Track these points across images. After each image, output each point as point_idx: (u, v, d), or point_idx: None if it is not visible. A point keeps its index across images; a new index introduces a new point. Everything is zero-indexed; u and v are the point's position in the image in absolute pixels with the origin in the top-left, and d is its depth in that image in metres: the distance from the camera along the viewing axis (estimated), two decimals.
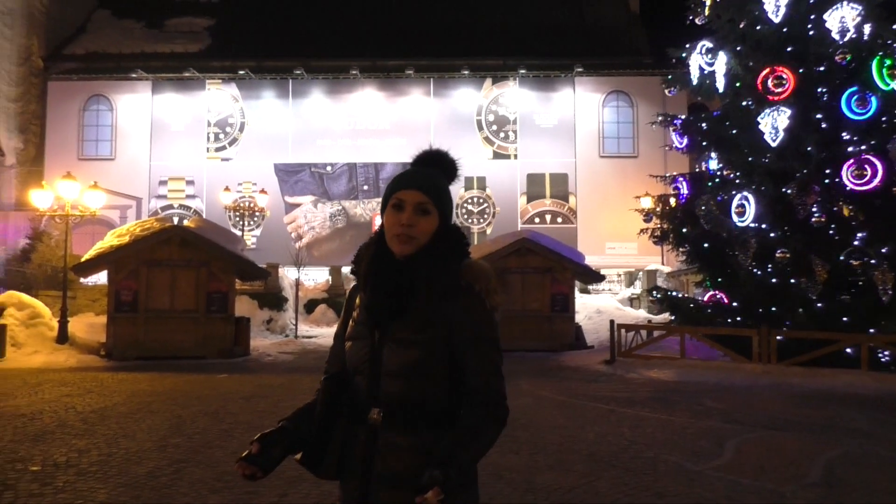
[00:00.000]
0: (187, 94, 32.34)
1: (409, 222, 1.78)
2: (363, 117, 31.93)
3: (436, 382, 1.73)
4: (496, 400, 1.76)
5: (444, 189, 1.90)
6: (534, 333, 18.23)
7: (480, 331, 1.76)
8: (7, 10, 30.65)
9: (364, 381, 1.77)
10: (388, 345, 1.75)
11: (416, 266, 1.77)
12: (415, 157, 2.00)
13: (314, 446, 1.82)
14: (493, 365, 1.77)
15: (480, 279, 1.78)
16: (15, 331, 16.19)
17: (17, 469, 5.69)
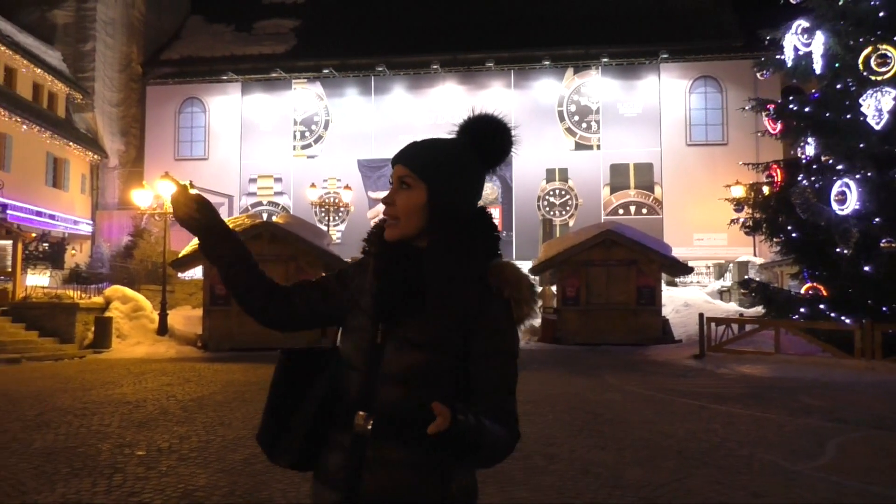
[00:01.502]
0: (274, 94, 33.38)
1: (386, 200, 1.55)
2: (444, 111, 32.04)
3: (439, 393, 1.41)
4: (508, 421, 1.48)
5: (439, 158, 1.57)
6: (619, 327, 17.92)
7: (501, 344, 1.51)
8: (109, 20, 32.45)
9: (358, 379, 1.51)
10: (392, 343, 1.49)
11: (436, 258, 1.51)
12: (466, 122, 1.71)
13: (268, 426, 1.57)
14: (509, 383, 1.51)
15: (511, 285, 1.53)
16: (120, 323, 17.21)
17: (124, 453, 6.05)
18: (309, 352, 1.61)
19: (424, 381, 1.46)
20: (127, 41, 33.97)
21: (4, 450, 6.15)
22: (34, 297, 17.39)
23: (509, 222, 31.10)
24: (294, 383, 1.56)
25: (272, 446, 1.57)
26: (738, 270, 25.60)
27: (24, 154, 27.24)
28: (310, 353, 1.60)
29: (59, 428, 7.16)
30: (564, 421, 7.67)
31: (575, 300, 18.65)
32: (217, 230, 1.60)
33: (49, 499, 4.70)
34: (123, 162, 33.95)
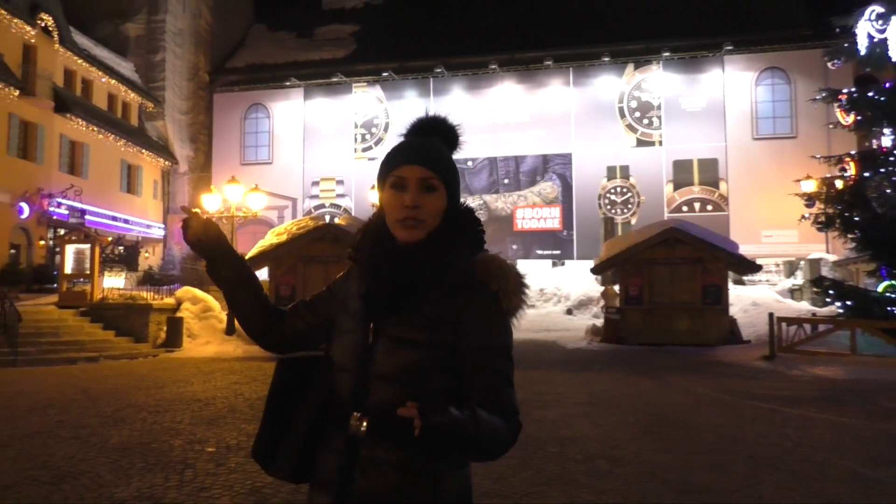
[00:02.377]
0: (335, 98, 33.94)
1: (413, 203, 1.49)
2: (502, 111, 31.99)
3: (433, 393, 1.42)
4: (506, 414, 1.43)
5: (451, 161, 1.60)
6: (684, 327, 17.52)
7: (491, 337, 1.47)
8: (177, 31, 33.60)
9: (349, 380, 1.49)
10: (383, 342, 1.48)
11: (422, 255, 1.50)
12: (408, 126, 1.68)
13: (265, 437, 1.55)
14: (505, 376, 1.47)
15: (498, 277, 1.49)
16: (190, 323, 17.78)
17: (195, 450, 6.25)
18: (305, 360, 1.58)
19: (417, 380, 1.44)
20: (195, 51, 35.11)
21: (84, 444, 6.43)
22: (110, 298, 18.14)
23: (570, 221, 30.79)
24: (291, 392, 1.55)
25: (269, 458, 1.54)
26: (810, 268, 24.68)
27: (100, 161, 28.49)
28: (306, 361, 1.58)
29: (134, 424, 7.45)
30: (628, 423, 7.54)
31: (638, 299, 18.31)
32: (222, 253, 1.66)
33: (125, 492, 4.90)
34: (192, 167, 35.11)
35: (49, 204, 24.61)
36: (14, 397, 9.42)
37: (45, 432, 7.00)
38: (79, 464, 5.70)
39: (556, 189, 31.21)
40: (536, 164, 31.55)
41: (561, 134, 31.24)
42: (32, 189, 24.19)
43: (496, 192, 31.90)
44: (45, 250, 25.06)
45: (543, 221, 31.23)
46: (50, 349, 14.92)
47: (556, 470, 5.49)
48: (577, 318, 26.17)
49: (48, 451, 6.18)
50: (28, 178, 24.15)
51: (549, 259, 31.24)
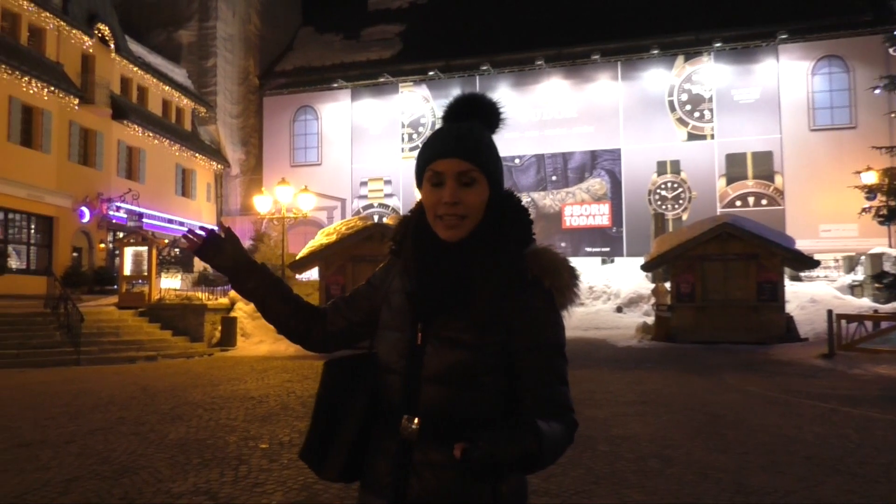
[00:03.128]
0: (382, 98, 34.21)
1: (452, 199, 1.40)
2: (550, 107, 31.77)
3: (485, 393, 1.38)
4: (562, 414, 1.37)
5: (491, 148, 1.47)
6: (738, 324, 17.11)
7: (546, 335, 1.41)
8: (228, 36, 34.36)
9: (398, 382, 1.44)
10: (432, 343, 1.41)
11: (469, 253, 1.42)
12: (445, 109, 1.56)
13: (314, 439, 1.52)
14: (560, 374, 1.41)
15: (551, 272, 1.42)
16: (244, 322, 18.17)
17: (249, 446, 6.38)
18: (352, 360, 1.54)
19: (467, 381, 1.38)
20: (244, 55, 35.84)
21: (143, 440, 6.64)
22: (167, 299, 18.67)
23: (619, 218, 30.40)
24: (339, 394, 1.51)
25: (320, 460, 1.51)
26: (872, 263, 23.79)
27: (155, 166, 29.34)
28: (353, 361, 1.54)
29: (191, 421, 7.65)
30: (680, 422, 7.41)
31: (690, 296, 17.97)
32: (243, 266, 1.63)
33: (182, 487, 5.03)
34: (244, 170, 35.86)
35: (108, 208, 25.46)
36: (78, 395, 9.78)
37: (106, 428, 7.25)
38: (138, 459, 5.88)
39: (605, 185, 30.84)
40: (585, 161, 31.23)
41: (609, 129, 30.85)
42: (93, 194, 25.07)
43: (544, 190, 31.69)
44: (105, 253, 25.94)
45: (592, 218, 30.89)
46: (111, 348, 15.44)
47: (606, 469, 5.44)
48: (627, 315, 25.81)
49: (109, 446, 6.39)
50: (88, 183, 25.03)
51: (598, 256, 30.88)
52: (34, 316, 15.92)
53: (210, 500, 4.72)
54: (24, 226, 22.90)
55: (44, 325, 15.51)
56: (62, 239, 23.80)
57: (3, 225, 21.75)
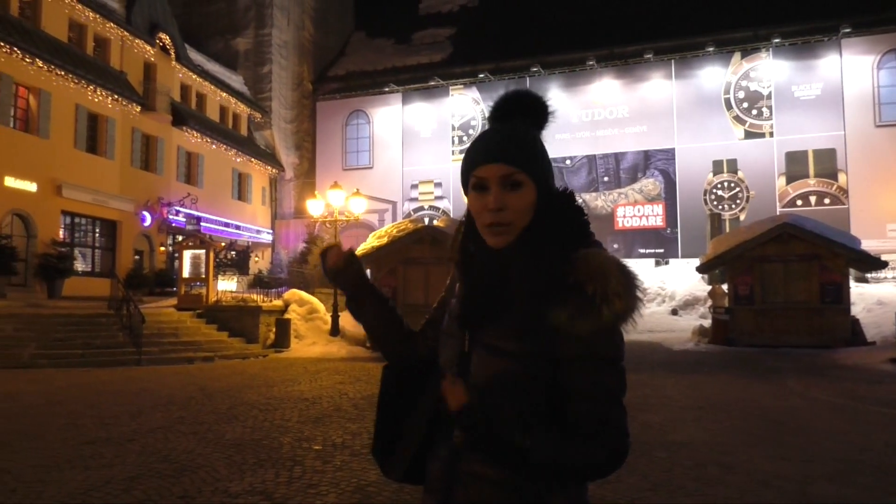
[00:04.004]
0: (433, 101, 34.35)
1: (497, 205, 1.35)
2: (601, 107, 31.39)
3: (529, 405, 1.32)
4: (611, 434, 1.29)
5: (535, 148, 1.41)
6: (800, 327, 16.59)
7: (591, 347, 1.30)
8: (282, 43, 35.02)
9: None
10: (477, 351, 1.38)
11: (515, 257, 1.37)
12: (491, 108, 1.51)
13: (381, 440, 1.52)
14: (608, 391, 1.31)
15: (595, 277, 1.30)
16: (297, 324, 18.45)
17: (303, 447, 6.46)
18: (411, 365, 1.53)
19: (511, 391, 1.32)
20: (298, 61, 36.47)
21: (202, 440, 6.79)
22: (224, 301, 19.10)
23: (674, 218, 29.81)
24: (400, 397, 1.50)
25: (385, 461, 1.52)
26: None
27: (213, 171, 30.09)
28: (412, 366, 1.53)
29: (247, 421, 7.79)
30: (740, 428, 7.20)
31: (749, 299, 17.48)
32: (363, 290, 1.62)
33: (238, 487, 5.12)
34: (298, 174, 36.47)
35: (168, 212, 26.22)
36: (139, 394, 10.07)
37: (166, 427, 7.44)
38: (197, 458, 6.02)
39: (659, 186, 30.29)
40: (637, 161, 30.73)
41: (663, 129, 30.28)
42: (153, 198, 25.86)
43: (595, 191, 31.30)
44: (165, 256, 26.71)
45: (646, 219, 30.38)
46: (170, 349, 15.87)
47: (663, 476, 5.32)
48: (683, 318, 25.28)
49: (169, 445, 6.56)
50: (149, 188, 25.82)
51: (652, 258, 30.36)
52: (99, 317, 16.47)
53: (266, 500, 4.79)
54: (89, 230, 23.76)
55: (107, 326, 16.03)
56: (125, 242, 24.61)
57: (70, 229, 22.61)
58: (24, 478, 5.35)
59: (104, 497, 4.86)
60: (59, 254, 20.61)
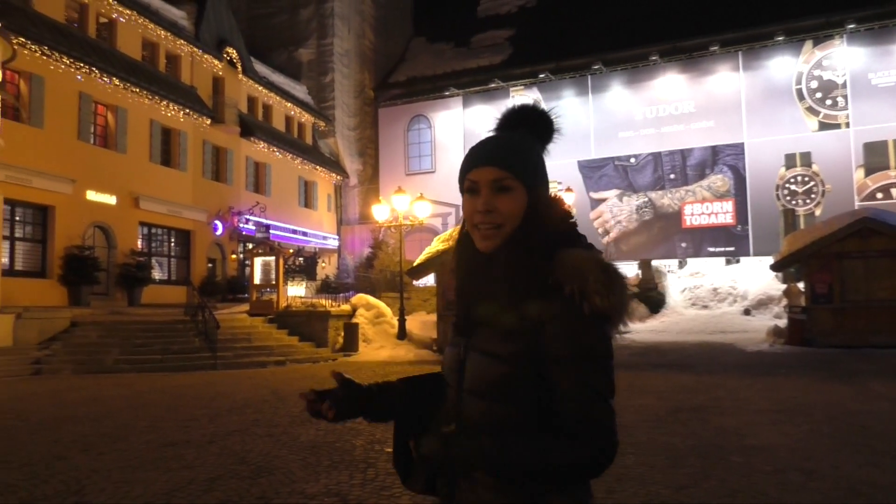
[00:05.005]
0: (493, 103, 34.27)
1: (485, 207, 1.38)
2: (666, 103, 30.73)
3: (520, 406, 1.33)
4: (596, 433, 1.28)
5: (529, 155, 1.44)
6: (883, 327, 15.86)
7: (574, 345, 1.30)
8: (344, 52, 35.63)
9: (451, 395, 1.45)
10: (472, 356, 1.40)
11: (501, 260, 1.39)
12: (497, 120, 1.56)
13: (398, 453, 1.53)
14: (593, 388, 1.29)
15: (574, 276, 1.30)
16: (364, 328, 18.72)
17: (375, 450, 6.56)
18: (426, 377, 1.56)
19: (500, 394, 1.34)
20: (360, 69, 37.04)
21: (277, 442, 6.96)
22: (294, 306, 19.53)
23: (744, 215, 28.91)
24: (416, 408, 1.51)
25: (406, 473, 1.52)
26: None
27: (280, 179, 30.86)
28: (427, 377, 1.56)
29: (320, 424, 7.93)
30: (823, 433, 6.93)
31: (827, 297, 16.80)
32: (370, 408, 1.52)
33: (314, 488, 5.23)
34: (362, 180, 37.02)
35: (239, 221, 27.01)
36: (215, 398, 10.40)
37: (242, 430, 7.66)
38: (273, 460, 6.18)
39: (728, 182, 29.43)
40: (705, 157, 29.95)
41: (731, 123, 29.41)
42: (224, 208, 26.69)
43: (661, 189, 30.66)
44: (237, 263, 27.52)
45: (715, 217, 29.55)
46: (244, 353, 16.33)
47: (741, 482, 5.16)
48: (756, 318, 24.51)
49: (246, 447, 6.76)
50: (220, 198, 26.66)
51: (722, 256, 29.54)
52: (175, 323, 17.09)
53: (341, 502, 4.88)
54: (164, 239, 24.69)
55: (184, 332, 16.62)
56: (198, 251, 25.48)
57: (147, 239, 23.55)
58: (112, 478, 5.61)
59: (187, 497, 5.04)
60: (137, 263, 21.50)
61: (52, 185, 18.87)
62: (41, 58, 18.63)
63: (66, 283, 19.08)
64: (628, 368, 13.32)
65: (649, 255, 29.91)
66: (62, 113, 19.61)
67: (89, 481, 5.51)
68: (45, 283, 18.74)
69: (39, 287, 18.46)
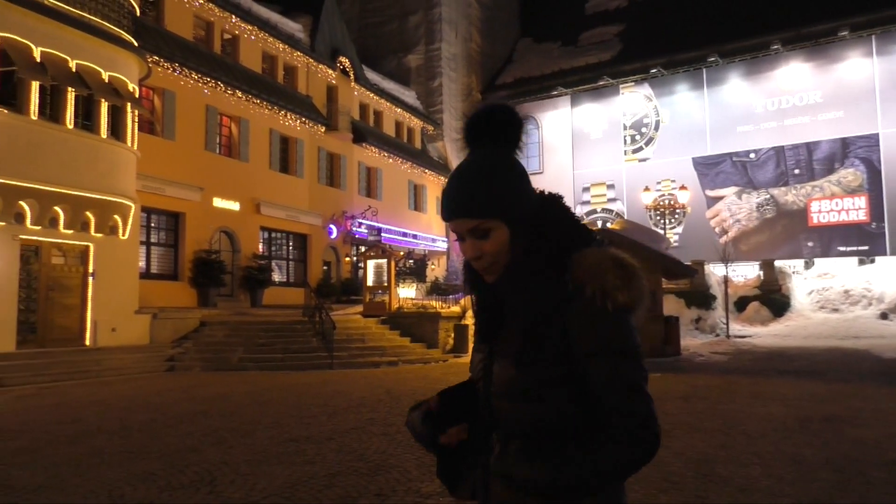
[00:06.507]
0: (602, 101, 33.67)
1: (473, 255, 1.43)
2: (789, 94, 29.08)
3: (549, 406, 1.35)
4: (636, 422, 1.30)
5: (498, 184, 1.41)
6: None
7: (602, 341, 1.33)
8: (451, 56, 36.03)
9: (483, 400, 1.48)
10: (498, 361, 1.44)
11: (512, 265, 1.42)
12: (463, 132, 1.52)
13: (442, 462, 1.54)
14: (627, 380, 1.33)
15: (593, 277, 1.33)
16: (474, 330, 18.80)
17: None
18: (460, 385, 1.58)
19: (524, 395, 1.37)
20: (467, 73, 37.34)
21: (392, 440, 7.12)
22: (405, 307, 19.93)
23: (879, 211, 26.88)
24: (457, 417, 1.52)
25: (452, 481, 1.54)
26: None
27: (391, 183, 31.59)
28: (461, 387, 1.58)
29: None
30: None
31: None
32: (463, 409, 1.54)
33: (429, 488, 5.31)
34: None
35: (352, 224, 27.88)
36: (333, 396, 10.77)
37: (359, 428, 7.89)
38: (389, 458, 6.32)
39: (861, 176, 27.45)
40: (834, 150, 28.08)
41: (863, 113, 27.41)
42: (338, 212, 27.62)
43: (785, 185, 29.02)
44: (350, 266, 28.40)
45: (845, 214, 27.64)
46: (358, 354, 16.81)
47: (884, 499, 4.79)
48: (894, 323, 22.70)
49: (363, 445, 6.95)
50: (334, 202, 27.61)
51: (854, 256, 27.60)
52: (294, 324, 17.83)
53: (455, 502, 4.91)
54: (283, 243, 25.85)
55: (302, 332, 17.32)
56: (314, 254, 26.50)
57: (267, 243, 24.74)
58: (240, 470, 5.92)
59: (309, 491, 5.24)
60: (259, 266, 22.63)
61: (183, 193, 20.18)
62: (172, 74, 20.00)
63: (196, 285, 20.35)
64: (750, 374, 12.67)
65: (772, 255, 28.36)
66: (191, 125, 20.95)
67: (220, 473, 5.84)
68: (177, 286, 20.07)
69: (172, 289, 19.78)
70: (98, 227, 15.24)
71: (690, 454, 6.27)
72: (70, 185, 14.37)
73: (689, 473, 5.59)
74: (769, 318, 24.89)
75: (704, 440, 6.91)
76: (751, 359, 15.35)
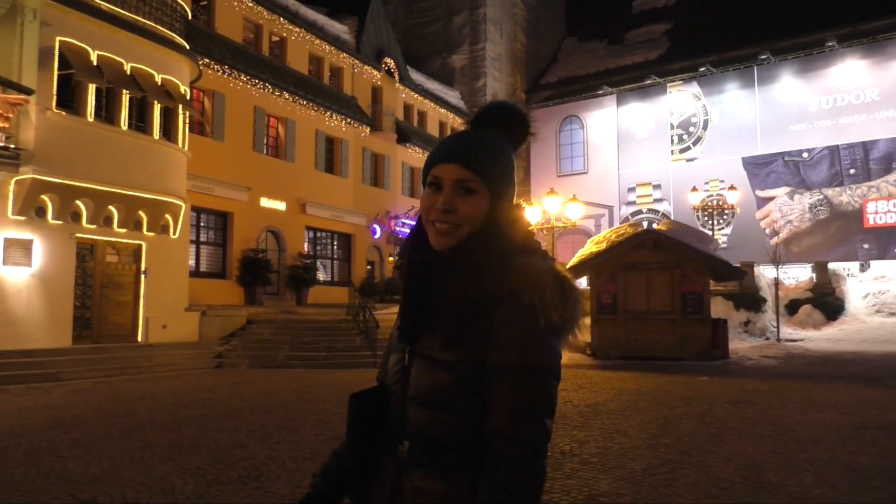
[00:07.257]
0: (649, 100, 33.19)
1: (445, 206, 1.33)
2: (845, 92, 28.23)
3: (464, 416, 1.27)
4: (521, 454, 1.21)
5: (500, 159, 1.37)
6: None
7: (518, 353, 1.24)
8: (496, 56, 35.98)
9: (395, 403, 1.38)
10: (416, 363, 1.34)
11: (450, 265, 1.33)
12: (472, 115, 1.47)
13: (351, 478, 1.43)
14: (526, 403, 1.23)
15: (532, 286, 1.25)
16: None
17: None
18: (373, 390, 1.45)
19: (446, 402, 1.29)
20: (511, 72, 37.23)
21: None
22: None
23: None
24: (368, 425, 1.42)
25: (361, 495, 1.42)
26: None
27: None
28: (373, 391, 1.45)
29: None
30: None
31: None
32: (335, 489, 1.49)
33: None
34: None
35: (395, 224, 28.04)
36: None
37: None
38: None
39: None
40: (891, 149, 27.17)
41: None
42: (382, 212, 27.82)
43: (839, 186, 28.18)
44: (393, 265, 28.57)
45: None
46: None
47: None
48: None
49: None
50: (378, 202, 27.82)
51: None
52: (338, 322, 18.01)
53: None
54: (328, 243, 26.15)
55: (346, 331, 17.47)
56: (358, 253, 26.74)
57: (313, 242, 25.05)
58: (286, 466, 6.00)
59: None
60: (304, 265, 22.93)
61: (231, 193, 20.57)
62: (223, 76, 20.40)
63: (243, 284, 20.73)
64: (802, 379, 12.34)
65: (825, 257, 27.53)
66: (240, 126, 21.34)
67: (266, 468, 5.94)
68: (224, 284, 20.47)
69: (220, 287, 20.19)
70: (150, 226, 15.64)
71: (740, 460, 6.13)
72: (124, 184, 14.78)
73: (738, 479, 5.47)
74: (822, 321, 24.18)
75: (754, 446, 6.75)
76: (802, 363, 14.95)
